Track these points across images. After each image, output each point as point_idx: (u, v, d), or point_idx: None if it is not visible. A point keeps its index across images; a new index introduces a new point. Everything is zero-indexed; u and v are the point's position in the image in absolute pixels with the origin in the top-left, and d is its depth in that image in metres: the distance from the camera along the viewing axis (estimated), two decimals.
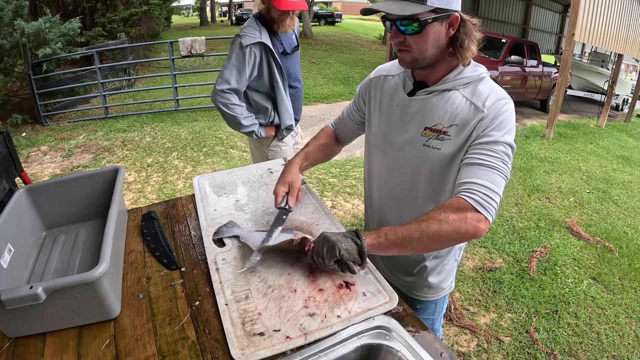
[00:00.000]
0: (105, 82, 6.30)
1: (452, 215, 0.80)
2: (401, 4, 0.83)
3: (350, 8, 46.50)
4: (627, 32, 6.96)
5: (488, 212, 0.81)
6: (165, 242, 1.10)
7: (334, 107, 6.83)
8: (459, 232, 0.80)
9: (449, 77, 0.93)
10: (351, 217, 3.28)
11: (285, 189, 1.12)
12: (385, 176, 1.09)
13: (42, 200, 1.12)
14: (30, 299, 0.72)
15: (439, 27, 0.86)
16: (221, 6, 38.42)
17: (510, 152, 0.88)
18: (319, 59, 11.48)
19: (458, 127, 0.91)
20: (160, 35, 13.74)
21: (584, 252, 3.04)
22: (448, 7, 0.84)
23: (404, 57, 0.91)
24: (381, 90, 1.08)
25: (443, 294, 1.18)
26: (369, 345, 0.80)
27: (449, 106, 0.93)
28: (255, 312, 0.84)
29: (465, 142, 0.91)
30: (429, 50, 0.88)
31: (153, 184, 3.73)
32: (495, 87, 0.93)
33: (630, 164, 5.40)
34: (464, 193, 0.83)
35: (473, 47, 0.89)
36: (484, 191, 0.82)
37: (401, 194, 1.07)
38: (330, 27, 24.09)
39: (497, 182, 0.83)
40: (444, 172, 0.96)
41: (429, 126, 0.95)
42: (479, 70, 0.94)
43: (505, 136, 0.87)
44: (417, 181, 1.01)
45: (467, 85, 0.93)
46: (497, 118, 0.88)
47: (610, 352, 2.11)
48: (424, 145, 0.96)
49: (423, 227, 0.81)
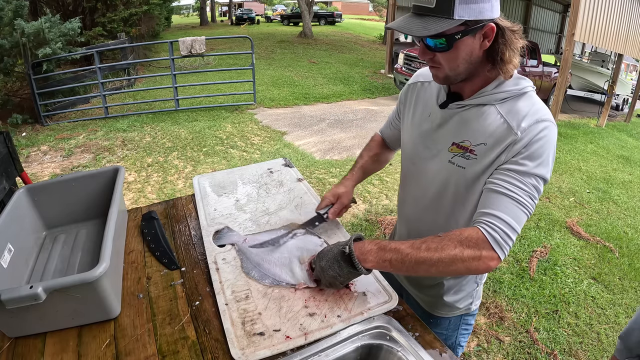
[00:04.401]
0: (106, 82, 6.29)
1: (468, 252, 0.75)
2: (424, 21, 0.76)
3: (350, 8, 46.48)
4: (627, 32, 6.96)
5: (503, 251, 0.76)
6: (165, 242, 1.10)
7: (334, 107, 6.83)
8: (470, 269, 0.77)
9: (485, 90, 0.84)
10: (351, 217, 3.28)
11: (332, 200, 1.11)
12: (413, 187, 1.04)
13: (42, 200, 1.12)
14: (30, 298, 0.72)
15: (471, 40, 0.77)
16: (221, 6, 38.41)
17: (541, 186, 0.79)
18: (319, 59, 11.47)
19: (486, 147, 0.83)
20: (160, 35, 13.75)
21: (584, 252, 3.04)
22: (480, 17, 0.74)
23: (437, 73, 0.85)
24: (416, 97, 1.01)
25: (459, 313, 1.10)
26: (369, 345, 0.80)
27: (480, 122, 0.84)
28: (255, 312, 0.84)
29: (491, 164, 0.83)
30: (461, 67, 0.81)
31: (153, 183, 3.73)
32: (538, 105, 0.81)
33: (631, 163, 5.40)
34: (484, 226, 0.77)
35: (515, 59, 0.79)
36: (505, 228, 0.76)
37: (425, 208, 1.01)
38: (330, 27, 24.10)
39: (520, 219, 0.77)
40: (467, 192, 0.89)
41: (456, 142, 0.88)
42: (521, 84, 0.83)
43: (539, 168, 0.78)
44: (441, 197, 0.95)
45: (505, 101, 0.83)
46: (533, 144, 0.78)
47: (610, 352, 2.11)
48: (449, 162, 0.89)
49: (436, 257, 0.76)
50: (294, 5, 28.48)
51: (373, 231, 3.06)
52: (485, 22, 0.76)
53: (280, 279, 0.93)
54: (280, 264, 0.96)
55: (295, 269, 0.94)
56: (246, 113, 6.11)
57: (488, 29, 0.76)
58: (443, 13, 0.74)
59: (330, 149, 4.84)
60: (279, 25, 23.84)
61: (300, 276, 0.92)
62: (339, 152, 4.76)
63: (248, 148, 4.69)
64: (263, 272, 0.95)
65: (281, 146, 4.80)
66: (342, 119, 6.14)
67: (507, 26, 0.79)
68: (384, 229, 3.10)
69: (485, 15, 0.75)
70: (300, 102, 6.96)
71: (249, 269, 0.97)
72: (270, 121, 5.80)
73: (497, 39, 0.78)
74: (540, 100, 0.83)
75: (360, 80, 9.02)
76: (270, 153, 4.54)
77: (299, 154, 4.57)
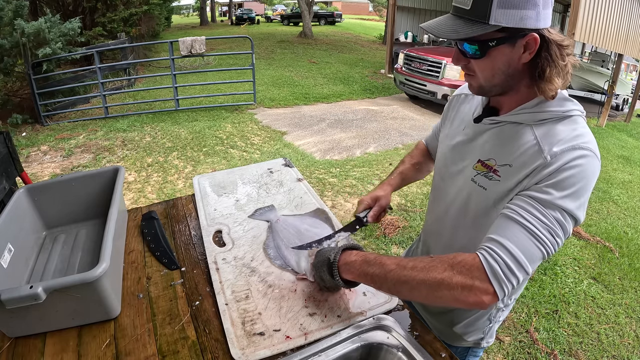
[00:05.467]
0: (106, 81, 6.29)
1: (458, 278, 0.65)
2: (456, 24, 0.70)
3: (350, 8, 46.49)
4: (627, 32, 6.96)
5: (501, 288, 0.64)
6: (165, 241, 1.10)
7: (334, 107, 6.83)
8: (458, 300, 0.66)
9: (524, 108, 0.76)
10: (351, 217, 3.27)
11: (371, 203, 1.07)
12: (436, 203, 0.99)
13: (42, 200, 1.12)
14: (30, 298, 0.72)
15: (509, 50, 0.70)
16: (221, 6, 38.41)
17: (567, 224, 0.67)
18: (319, 59, 11.47)
19: (512, 168, 0.74)
20: (160, 35, 13.75)
21: (584, 252, 3.04)
22: (521, 25, 0.66)
23: (471, 82, 0.78)
24: (457, 110, 0.96)
25: (465, 345, 1.04)
26: (369, 345, 0.80)
27: (511, 142, 0.76)
28: (255, 311, 0.84)
29: (513, 188, 0.74)
30: (497, 78, 0.73)
31: (153, 183, 3.73)
32: (581, 132, 0.70)
33: (631, 163, 5.40)
34: (483, 252, 0.67)
35: (557, 79, 0.70)
36: (508, 260, 0.65)
37: (445, 227, 0.94)
38: (330, 27, 24.11)
39: (531, 255, 0.65)
40: (486, 217, 0.80)
41: (482, 159, 0.81)
42: (566, 106, 0.73)
43: (567, 200, 0.66)
44: (460, 218, 0.88)
45: (544, 123, 0.73)
46: (562, 172, 0.67)
47: (610, 352, 2.11)
48: (472, 180, 0.82)
49: (420, 278, 0.67)
50: (294, 5, 28.48)
51: (373, 231, 3.06)
52: (528, 31, 0.67)
53: (288, 264, 0.98)
54: (293, 251, 1.00)
55: (302, 259, 0.95)
56: (246, 113, 6.11)
57: (530, 39, 0.68)
58: (478, 16, 0.67)
59: (330, 149, 4.84)
60: (279, 25, 23.85)
61: (304, 268, 0.93)
62: (339, 152, 4.76)
63: (248, 148, 4.69)
64: (279, 253, 1.02)
65: (281, 146, 4.80)
66: (342, 119, 6.15)
67: (556, 40, 0.69)
68: (384, 229, 3.10)
69: (528, 24, 0.66)
70: (300, 102, 6.96)
71: (269, 246, 1.04)
72: (270, 121, 5.80)
73: (540, 53, 0.70)
74: (587, 129, 0.72)
75: (360, 80, 9.02)
76: (270, 153, 4.54)
77: (299, 154, 4.57)
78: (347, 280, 0.79)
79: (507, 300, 0.96)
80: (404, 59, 7.25)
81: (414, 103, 7.47)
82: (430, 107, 7.12)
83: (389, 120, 6.23)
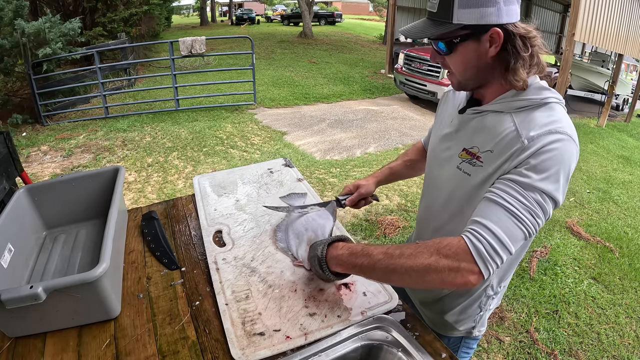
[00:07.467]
0: (106, 82, 6.29)
1: (444, 262, 0.68)
2: (427, 25, 0.77)
3: (350, 8, 46.49)
4: (627, 32, 6.96)
5: (487, 267, 0.68)
6: (165, 241, 1.10)
7: (334, 107, 6.83)
8: (445, 282, 0.69)
9: (503, 97, 0.81)
10: (351, 217, 3.28)
11: (352, 189, 1.18)
12: (426, 194, 1.03)
13: (42, 200, 1.12)
14: (30, 298, 0.72)
15: (476, 45, 0.76)
16: (221, 6, 38.42)
17: (547, 205, 0.71)
18: (319, 59, 11.47)
19: (493, 154, 0.79)
20: (160, 35, 13.74)
21: (584, 252, 3.04)
22: (483, 22, 0.72)
23: (451, 79, 0.86)
24: (447, 105, 1.02)
25: (457, 334, 1.06)
26: (369, 345, 0.80)
27: (492, 130, 0.80)
28: (255, 312, 0.84)
29: (494, 173, 0.78)
30: (469, 72, 0.80)
31: (153, 183, 3.73)
32: (558, 117, 0.74)
33: (631, 163, 5.40)
34: (468, 235, 0.70)
35: (522, 70, 0.75)
36: (492, 241, 0.68)
37: (434, 217, 0.99)
38: (330, 27, 24.11)
39: (514, 235, 0.69)
40: (469, 203, 0.84)
41: (467, 147, 0.85)
42: (543, 94, 0.77)
43: (545, 183, 0.70)
44: (447, 206, 0.92)
45: (522, 110, 0.78)
46: (539, 155, 0.71)
47: (610, 352, 2.11)
48: (457, 168, 0.87)
49: (407, 265, 0.70)
50: (294, 5, 28.49)
51: (373, 231, 3.06)
52: (490, 27, 0.73)
53: (290, 249, 1.02)
54: (295, 237, 1.03)
55: (302, 247, 0.96)
56: (246, 113, 6.11)
57: (494, 33, 0.73)
58: (444, 17, 0.75)
59: (330, 149, 4.84)
60: (279, 25, 23.85)
61: (301, 256, 0.94)
62: (339, 152, 4.76)
63: (248, 148, 4.69)
64: (285, 237, 1.06)
65: (281, 146, 4.80)
66: (342, 119, 6.14)
67: (520, 32, 0.75)
68: (384, 229, 3.10)
69: (490, 20, 0.72)
70: (300, 102, 6.95)
71: (280, 229, 1.10)
72: (271, 121, 5.80)
73: (505, 46, 0.75)
74: (565, 114, 0.76)
75: (361, 80, 9.02)
76: (271, 153, 4.54)
77: (299, 154, 4.57)
78: (338, 273, 0.82)
79: (497, 288, 0.98)
80: (404, 59, 7.25)
81: (414, 103, 7.47)
82: (430, 107, 7.12)
83: (389, 120, 6.23)
